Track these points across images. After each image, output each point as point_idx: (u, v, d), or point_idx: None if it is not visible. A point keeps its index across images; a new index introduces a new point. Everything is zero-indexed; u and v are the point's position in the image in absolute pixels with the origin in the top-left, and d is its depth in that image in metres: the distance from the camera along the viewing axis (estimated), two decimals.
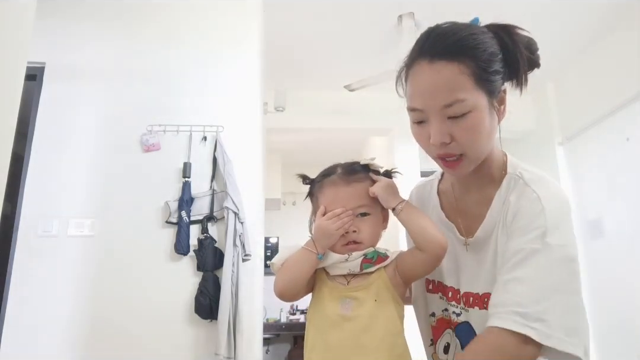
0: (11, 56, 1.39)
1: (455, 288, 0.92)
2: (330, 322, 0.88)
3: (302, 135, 5.00)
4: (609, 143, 3.50)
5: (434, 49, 0.81)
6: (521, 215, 0.81)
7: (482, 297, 0.85)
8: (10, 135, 1.34)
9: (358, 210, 0.94)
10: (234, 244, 2.37)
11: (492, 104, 0.82)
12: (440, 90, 0.79)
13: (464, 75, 0.78)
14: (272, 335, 5.49)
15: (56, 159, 2.56)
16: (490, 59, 0.81)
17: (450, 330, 0.94)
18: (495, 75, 0.81)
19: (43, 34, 2.62)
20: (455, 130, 0.80)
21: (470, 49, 0.79)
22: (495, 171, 0.90)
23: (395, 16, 3.25)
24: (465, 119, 0.79)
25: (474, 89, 0.79)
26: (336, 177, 0.98)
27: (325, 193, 0.97)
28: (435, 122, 0.81)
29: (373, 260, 0.92)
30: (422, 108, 0.82)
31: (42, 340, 2.31)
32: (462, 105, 0.78)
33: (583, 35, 3.57)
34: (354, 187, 0.96)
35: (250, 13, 2.92)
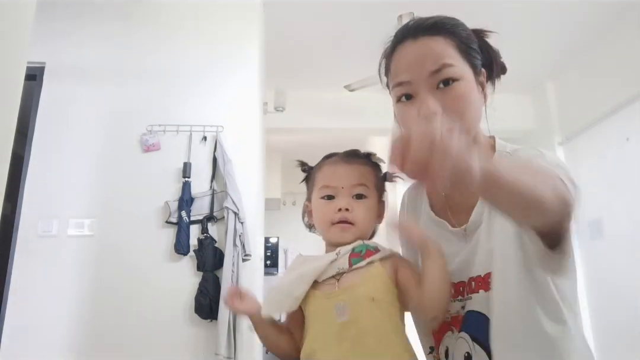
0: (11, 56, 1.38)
1: (456, 282, 0.87)
2: (329, 334, 0.82)
3: (302, 135, 4.99)
4: (609, 143, 3.50)
5: (416, 29, 0.82)
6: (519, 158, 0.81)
7: (485, 278, 0.81)
8: (10, 135, 1.34)
9: (355, 190, 0.92)
10: (234, 244, 2.37)
11: (477, 80, 0.83)
12: (427, 57, 0.79)
13: (449, 46, 0.80)
14: None
15: (56, 159, 2.56)
16: (469, 37, 0.83)
17: (450, 332, 0.88)
18: (476, 53, 0.84)
19: (43, 34, 2.62)
20: (445, 100, 0.78)
21: (451, 26, 0.82)
22: None
23: (395, 16, 3.25)
24: (454, 88, 0.78)
25: (460, 60, 0.80)
26: (337, 157, 0.98)
27: (324, 170, 0.96)
28: (425, 92, 0.79)
29: (362, 254, 0.87)
30: (409, 79, 0.80)
31: (42, 339, 2.31)
32: (450, 70, 0.78)
33: (583, 35, 3.56)
34: (353, 167, 0.94)
35: (250, 13, 2.92)
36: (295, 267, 0.93)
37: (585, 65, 3.81)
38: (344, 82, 3.55)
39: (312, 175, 1.00)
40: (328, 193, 0.93)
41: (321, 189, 0.95)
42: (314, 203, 0.97)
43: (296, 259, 0.97)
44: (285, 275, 0.93)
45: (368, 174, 0.95)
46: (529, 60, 3.69)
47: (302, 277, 0.87)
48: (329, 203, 0.93)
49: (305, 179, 1.03)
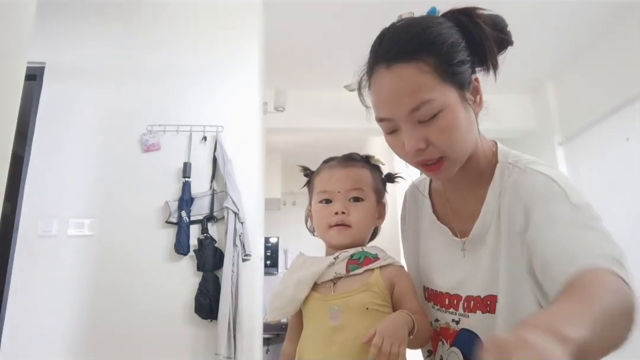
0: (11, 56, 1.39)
1: (451, 294, 0.86)
2: (320, 335, 0.84)
3: (302, 135, 4.99)
4: (609, 143, 3.50)
5: (389, 53, 0.76)
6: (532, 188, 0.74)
7: (485, 300, 0.79)
8: (10, 135, 1.34)
9: (351, 194, 0.94)
10: (234, 244, 2.37)
11: (464, 97, 0.76)
12: (404, 94, 0.74)
13: (425, 74, 0.73)
14: (272, 335, 5.49)
15: (56, 159, 2.56)
16: (451, 50, 0.75)
17: (441, 343, 0.87)
18: (462, 66, 0.75)
19: (43, 34, 2.62)
20: (429, 134, 0.75)
21: (426, 44, 0.74)
22: (484, 165, 0.84)
23: (395, 16, 3.25)
24: (437, 119, 0.74)
25: (440, 86, 0.73)
26: (334, 162, 1.00)
27: (322, 175, 0.98)
28: (407, 129, 0.75)
29: (360, 262, 0.88)
30: (389, 117, 0.77)
31: (42, 340, 2.31)
32: (430, 107, 0.73)
33: (583, 35, 3.56)
34: (349, 170, 0.96)
35: (250, 13, 2.92)
36: (296, 269, 0.94)
37: (585, 65, 3.81)
38: (344, 82, 3.52)
39: (312, 180, 1.02)
40: (325, 197, 0.95)
41: (319, 193, 0.97)
42: (313, 207, 0.99)
43: (296, 259, 0.98)
44: (286, 278, 0.95)
45: (365, 177, 0.96)
46: (529, 60, 3.69)
47: (301, 281, 0.90)
48: (326, 207, 0.95)
49: (307, 184, 1.04)
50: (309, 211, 1.01)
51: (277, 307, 0.92)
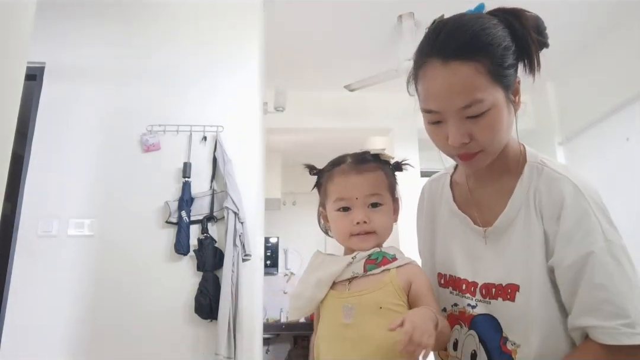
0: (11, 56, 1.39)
1: (469, 280, 0.89)
2: (333, 332, 0.86)
3: (302, 135, 4.99)
4: (609, 143, 3.50)
5: (446, 49, 0.77)
6: (565, 209, 0.79)
7: (506, 288, 0.83)
8: (10, 135, 1.34)
9: (369, 200, 0.92)
10: (234, 244, 2.37)
11: (509, 98, 0.80)
12: (458, 92, 0.77)
13: (480, 74, 0.76)
14: (272, 335, 5.49)
15: (56, 159, 2.56)
16: (504, 53, 0.78)
17: (458, 326, 0.91)
18: (510, 69, 0.79)
19: (43, 34, 2.62)
20: (474, 129, 0.79)
21: (484, 46, 0.77)
22: (511, 161, 0.89)
23: (395, 16, 3.25)
24: (484, 117, 0.78)
25: (491, 87, 0.77)
26: (346, 165, 0.95)
27: (336, 182, 0.95)
28: (454, 124, 0.79)
29: (377, 262, 0.88)
30: (438, 110, 0.80)
31: (42, 340, 2.31)
32: (480, 105, 0.77)
33: (583, 35, 3.56)
34: (365, 176, 0.93)
35: (250, 13, 2.92)
36: (314, 269, 0.95)
37: (585, 65, 3.81)
38: (344, 82, 3.55)
39: (323, 183, 0.99)
40: (343, 205, 0.93)
41: (336, 201, 0.94)
42: (330, 214, 0.97)
43: (315, 258, 0.98)
44: (306, 278, 0.95)
45: (380, 179, 0.95)
46: None
47: (320, 282, 0.90)
48: (346, 215, 0.93)
49: (316, 185, 1.02)
50: (322, 212, 1.00)
51: (297, 307, 0.93)
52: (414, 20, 3.17)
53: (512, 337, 0.82)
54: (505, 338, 0.83)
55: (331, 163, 0.99)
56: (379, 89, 3.69)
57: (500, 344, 0.83)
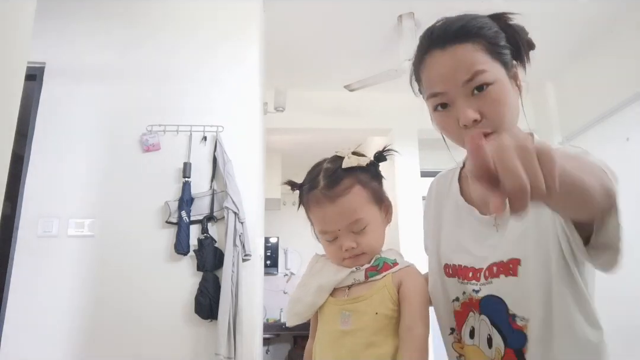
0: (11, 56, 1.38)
1: (476, 267, 0.89)
2: (331, 338, 0.85)
3: (302, 135, 4.99)
4: (609, 143, 3.50)
5: (443, 37, 0.82)
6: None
7: (507, 264, 0.82)
8: (10, 135, 1.34)
9: (353, 227, 0.88)
10: (234, 244, 2.37)
11: (510, 76, 0.83)
12: (459, 68, 0.80)
13: (478, 51, 0.80)
14: (272, 335, 5.49)
15: (56, 159, 2.56)
16: (496, 36, 0.83)
17: (472, 313, 0.91)
18: (505, 50, 0.83)
19: (43, 34, 2.62)
20: (482, 106, 0.80)
21: (477, 29, 0.82)
22: None
23: (395, 16, 3.25)
24: (490, 91, 0.79)
25: (491, 62, 0.80)
26: (319, 193, 0.90)
27: (314, 212, 0.92)
28: (462, 101, 0.80)
29: (379, 268, 0.88)
30: (444, 90, 0.82)
31: (42, 339, 2.31)
32: (484, 76, 0.79)
33: (583, 35, 3.56)
34: (340, 205, 0.88)
35: (250, 13, 2.92)
36: (315, 273, 0.94)
37: (585, 65, 3.81)
38: (344, 82, 3.55)
39: (304, 207, 0.96)
40: (328, 238, 0.92)
41: (320, 233, 0.93)
42: (318, 237, 0.95)
43: (315, 262, 0.97)
44: (306, 282, 0.95)
45: (358, 199, 0.89)
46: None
47: (321, 288, 0.90)
48: (333, 243, 0.91)
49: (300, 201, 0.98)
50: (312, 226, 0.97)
51: (296, 312, 0.93)
52: (414, 20, 3.17)
53: (520, 313, 0.81)
54: (513, 315, 0.82)
55: (306, 183, 0.94)
56: (379, 89, 3.69)
57: (510, 321, 0.82)
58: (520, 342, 0.81)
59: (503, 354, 0.83)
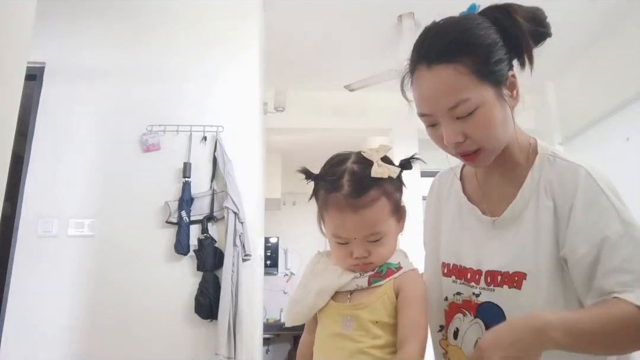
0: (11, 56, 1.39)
1: (475, 269, 0.90)
2: (331, 341, 0.84)
3: (302, 135, 4.99)
4: (609, 143, 3.50)
5: (430, 54, 0.81)
6: (577, 196, 0.79)
7: (512, 276, 0.83)
8: (10, 135, 1.34)
9: (370, 238, 0.85)
10: (234, 244, 2.37)
11: (500, 94, 0.82)
12: (443, 94, 0.80)
13: (462, 75, 0.78)
14: (272, 335, 5.49)
15: (56, 159, 2.56)
16: (489, 50, 0.80)
17: (460, 315, 0.92)
18: (499, 65, 0.81)
19: (43, 34, 2.61)
20: (467, 128, 0.81)
21: (464, 46, 0.79)
22: (521, 154, 0.90)
23: (395, 16, 3.25)
24: (474, 116, 0.80)
25: (477, 85, 0.79)
26: (342, 199, 0.84)
27: (331, 215, 0.86)
28: (445, 124, 0.82)
29: (382, 274, 0.86)
30: (429, 113, 0.83)
31: (42, 340, 2.31)
32: (467, 105, 0.79)
33: (583, 35, 3.56)
34: (362, 217, 0.83)
35: (250, 13, 2.92)
36: (316, 274, 0.92)
37: (585, 65, 3.81)
38: (344, 82, 3.55)
39: (318, 203, 0.90)
40: (339, 241, 0.87)
41: (332, 235, 0.88)
42: (328, 237, 0.90)
43: (317, 262, 0.94)
44: (307, 283, 0.92)
45: (380, 211, 0.85)
46: None
47: (323, 291, 0.88)
48: (345, 247, 0.87)
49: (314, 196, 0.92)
50: (320, 221, 0.92)
51: (296, 312, 0.91)
52: (414, 20, 3.17)
53: None
54: None
55: (326, 179, 0.88)
56: (379, 89, 3.69)
57: None
58: None
59: None
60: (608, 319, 0.71)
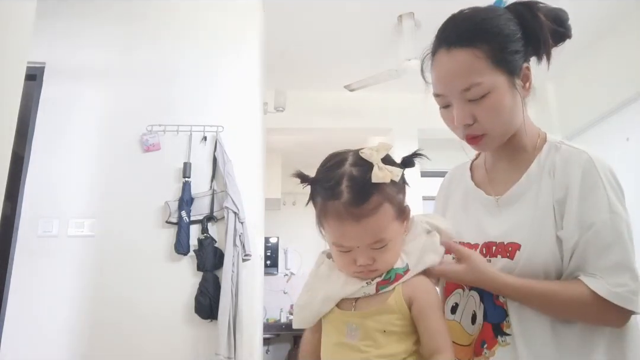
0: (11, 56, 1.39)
1: (472, 242, 0.93)
2: (336, 350, 0.82)
3: (302, 135, 4.99)
4: (609, 143, 3.50)
5: (450, 38, 0.86)
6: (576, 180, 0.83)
7: (507, 246, 0.86)
8: (10, 135, 1.34)
9: (373, 247, 0.80)
10: (234, 244, 2.37)
11: (512, 83, 0.86)
12: (457, 75, 0.84)
13: (478, 59, 0.83)
14: (272, 335, 5.49)
15: (56, 159, 2.56)
16: (506, 40, 0.85)
17: (460, 290, 0.93)
18: (514, 55, 0.85)
19: (43, 34, 2.61)
20: (476, 111, 0.85)
21: (484, 33, 0.84)
22: (528, 141, 0.93)
23: (395, 16, 3.25)
24: (485, 100, 0.84)
25: (491, 71, 0.83)
26: (342, 208, 0.77)
27: (331, 225, 0.80)
28: (457, 105, 0.86)
29: (390, 280, 0.81)
30: (443, 93, 0.88)
31: (42, 339, 2.31)
32: (479, 88, 0.83)
33: (583, 36, 3.56)
34: (364, 225, 0.78)
35: (250, 13, 2.92)
36: (321, 279, 0.87)
37: (585, 65, 3.81)
38: (344, 82, 3.55)
39: (316, 209, 0.83)
40: (341, 249, 0.82)
41: (333, 243, 0.82)
42: (328, 244, 0.85)
43: (322, 264, 0.90)
44: (313, 287, 0.88)
45: (384, 218, 0.79)
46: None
47: (329, 298, 0.84)
48: (347, 255, 0.81)
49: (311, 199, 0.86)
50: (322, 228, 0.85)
51: (303, 317, 0.89)
52: (414, 20, 3.17)
53: None
54: None
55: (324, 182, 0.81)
56: (379, 89, 3.69)
57: (494, 298, 0.87)
58: (499, 317, 0.86)
59: (481, 328, 0.88)
60: (562, 289, 0.81)
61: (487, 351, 0.86)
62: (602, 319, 0.80)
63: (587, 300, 0.78)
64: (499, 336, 0.85)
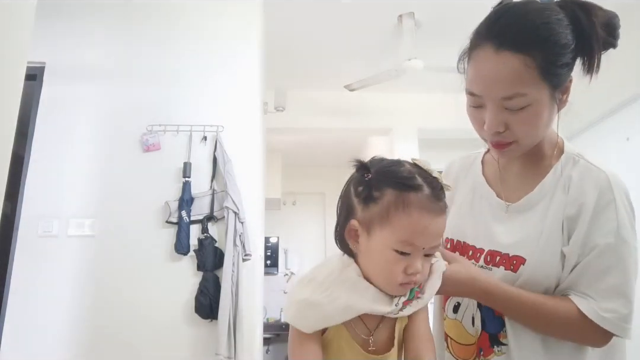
0: (11, 56, 1.39)
1: (477, 247, 0.91)
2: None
3: (302, 135, 4.99)
4: (609, 143, 3.50)
5: (502, 36, 0.76)
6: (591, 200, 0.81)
7: (511, 259, 0.85)
8: (10, 135, 1.34)
9: (431, 251, 0.76)
10: (234, 244, 2.37)
11: (554, 97, 0.80)
12: (502, 81, 0.77)
13: (529, 68, 0.75)
14: (272, 335, 5.49)
15: (56, 159, 2.56)
16: (560, 52, 0.77)
17: None
18: (564, 68, 0.79)
19: (43, 34, 2.62)
20: (511, 121, 0.79)
21: (541, 41, 0.76)
22: (546, 148, 0.90)
23: (395, 16, 3.25)
24: (524, 111, 0.78)
25: (537, 83, 0.76)
26: (426, 199, 0.72)
27: (414, 217, 0.71)
28: (492, 111, 0.80)
29: (411, 299, 0.76)
30: (480, 94, 0.80)
31: (42, 339, 2.31)
32: (522, 99, 0.77)
33: None
34: (441, 223, 0.75)
35: (250, 13, 2.92)
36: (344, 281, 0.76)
37: None
38: (344, 82, 3.55)
39: (385, 204, 0.73)
40: (406, 250, 0.73)
41: (400, 242, 0.73)
42: (379, 246, 0.74)
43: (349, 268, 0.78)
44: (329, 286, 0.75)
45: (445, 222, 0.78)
46: None
47: (351, 308, 0.74)
48: (403, 260, 0.73)
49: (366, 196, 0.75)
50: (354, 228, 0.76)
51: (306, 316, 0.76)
52: (414, 20, 3.17)
53: None
54: None
55: (400, 176, 0.73)
56: (379, 89, 3.69)
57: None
58: (496, 328, 0.85)
59: (479, 336, 0.87)
60: (550, 302, 0.80)
61: (483, 359, 0.86)
62: (584, 338, 0.80)
63: (573, 319, 0.78)
64: (495, 346, 0.85)
